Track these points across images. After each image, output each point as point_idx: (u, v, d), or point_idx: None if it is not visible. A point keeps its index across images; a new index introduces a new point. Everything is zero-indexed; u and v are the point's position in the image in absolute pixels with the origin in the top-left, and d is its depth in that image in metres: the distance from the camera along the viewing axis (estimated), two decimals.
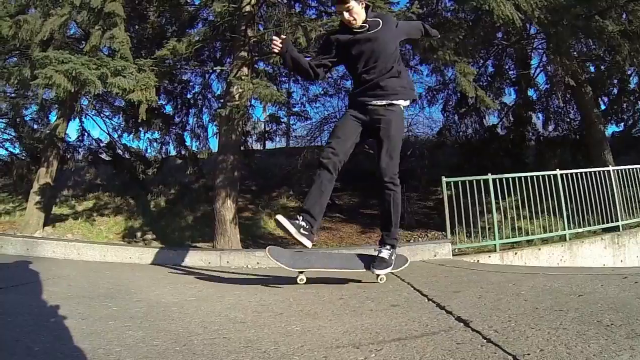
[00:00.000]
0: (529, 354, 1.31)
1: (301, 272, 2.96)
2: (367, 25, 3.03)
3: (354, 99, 3.20)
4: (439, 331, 1.67)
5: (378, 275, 3.05)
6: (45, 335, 1.70)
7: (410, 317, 1.94)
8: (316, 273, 3.23)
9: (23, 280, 3.12)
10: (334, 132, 3.21)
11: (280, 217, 2.86)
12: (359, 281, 3.20)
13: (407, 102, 3.14)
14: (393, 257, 3.07)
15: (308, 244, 2.90)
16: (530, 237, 6.64)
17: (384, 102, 3.02)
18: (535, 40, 11.20)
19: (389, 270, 3.04)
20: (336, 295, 2.60)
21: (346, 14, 2.98)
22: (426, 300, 2.29)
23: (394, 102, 3.03)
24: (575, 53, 9.66)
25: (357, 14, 3.00)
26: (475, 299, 2.24)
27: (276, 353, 1.50)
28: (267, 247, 2.98)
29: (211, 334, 1.77)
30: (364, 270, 3.02)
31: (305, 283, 3.03)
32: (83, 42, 9.38)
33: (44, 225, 10.37)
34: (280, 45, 3.03)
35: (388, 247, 3.07)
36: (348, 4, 2.94)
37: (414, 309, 2.12)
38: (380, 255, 3.04)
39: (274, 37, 3.10)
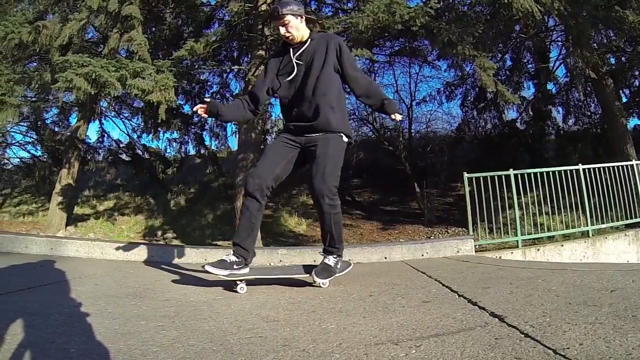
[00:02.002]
0: (568, 348, 1.30)
1: (241, 281, 2.77)
2: (307, 43, 2.90)
3: (288, 125, 3.02)
4: (475, 327, 1.66)
5: (316, 281, 2.87)
6: (78, 336, 1.70)
7: (444, 313, 1.93)
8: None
9: (50, 280, 3.12)
10: (262, 156, 3.05)
11: (208, 267, 2.69)
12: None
13: (346, 139, 2.93)
14: (338, 266, 2.92)
15: (246, 271, 2.80)
16: (552, 233, 6.57)
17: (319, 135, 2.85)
18: (554, 32, 11.04)
19: (331, 278, 2.88)
20: (365, 293, 2.59)
21: (282, 29, 2.85)
22: (457, 296, 2.27)
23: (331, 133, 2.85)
24: (595, 45, 9.47)
25: (296, 28, 2.85)
26: (506, 294, 2.21)
27: (315, 351, 1.50)
28: (204, 265, 2.75)
29: (246, 333, 1.76)
30: (306, 275, 2.89)
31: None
32: (101, 45, 9.53)
33: (67, 225, 10.56)
34: (206, 114, 3.01)
35: (334, 255, 2.93)
36: (283, 19, 2.80)
37: (446, 305, 2.10)
38: (326, 262, 2.91)
39: (198, 108, 3.00)
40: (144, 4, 8.04)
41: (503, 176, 6.22)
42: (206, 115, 3.04)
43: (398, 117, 2.99)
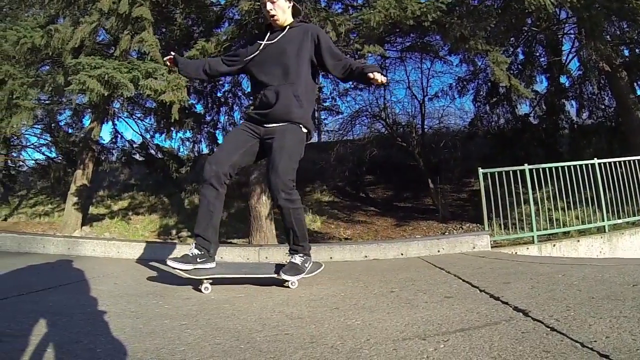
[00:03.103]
0: (595, 341, 1.32)
1: (207, 280, 2.71)
2: (285, 29, 2.87)
3: (250, 113, 2.97)
4: (501, 321, 1.66)
5: (286, 281, 2.79)
6: (104, 336, 1.71)
7: (468, 308, 1.93)
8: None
9: (69, 279, 3.12)
10: (221, 143, 3.01)
11: (170, 263, 2.66)
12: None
13: (305, 130, 2.87)
14: (307, 265, 2.84)
15: (211, 265, 2.76)
16: (567, 229, 6.49)
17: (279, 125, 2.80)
18: (567, 25, 10.93)
19: (299, 276, 2.79)
20: (386, 289, 2.59)
21: (269, 5, 2.80)
22: (478, 292, 2.27)
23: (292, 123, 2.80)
24: (608, 37, 9.36)
25: (282, 10, 2.83)
26: (527, 289, 2.22)
27: (344, 347, 1.50)
28: (167, 260, 2.71)
29: (272, 331, 1.77)
30: (274, 275, 2.82)
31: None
32: (112, 47, 9.61)
33: (82, 225, 10.69)
34: (173, 65, 3.09)
35: (301, 254, 2.86)
36: None
37: (469, 300, 2.11)
38: (292, 260, 2.84)
39: (167, 59, 3.11)
40: (154, 5, 8.09)
41: (518, 171, 6.18)
42: (172, 66, 3.15)
43: (378, 76, 2.74)
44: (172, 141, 11.84)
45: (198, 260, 2.68)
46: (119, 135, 12.50)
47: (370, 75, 2.69)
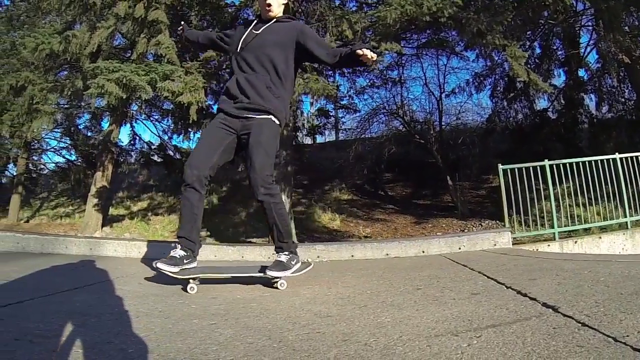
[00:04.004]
0: (627, 336, 1.33)
1: (193, 280, 2.71)
2: (272, 21, 2.89)
3: (227, 103, 2.92)
4: (531, 317, 1.67)
5: (274, 280, 2.77)
6: (134, 336, 1.70)
7: (496, 304, 1.93)
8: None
9: (94, 280, 3.11)
10: (198, 143, 2.98)
11: (158, 264, 2.65)
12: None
13: (278, 122, 2.85)
14: (293, 262, 2.80)
15: (194, 264, 2.78)
16: (589, 225, 6.41)
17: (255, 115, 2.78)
18: (584, 17, 10.75)
19: (286, 273, 2.75)
20: (411, 286, 2.59)
21: None
22: (505, 288, 2.27)
23: (264, 116, 2.79)
24: (627, 28, 9.18)
25: (278, 2, 2.87)
26: (554, 285, 2.21)
27: (377, 345, 1.51)
28: (154, 262, 2.70)
29: (303, 329, 1.77)
30: (260, 274, 2.78)
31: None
32: (129, 51, 9.73)
33: (102, 225, 10.86)
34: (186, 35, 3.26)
35: (286, 252, 2.82)
36: None
37: (496, 296, 2.10)
38: (278, 258, 2.81)
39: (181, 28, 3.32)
40: (170, 9, 8.18)
41: (538, 167, 6.11)
42: (184, 33, 3.32)
43: (367, 51, 2.58)
44: (190, 142, 11.95)
45: (184, 261, 2.71)
46: (137, 137, 12.70)
47: (359, 52, 2.61)
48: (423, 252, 4.45)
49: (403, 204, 12.06)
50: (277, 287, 2.75)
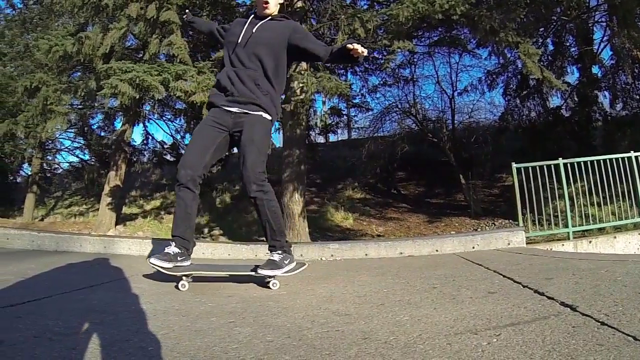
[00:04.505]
0: None
1: (186, 277, 2.76)
2: (267, 18, 2.90)
3: (217, 97, 2.91)
4: (549, 316, 1.67)
5: (267, 279, 2.78)
6: (152, 334, 1.70)
7: (514, 303, 1.93)
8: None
9: (109, 278, 3.13)
10: (190, 142, 2.97)
11: (152, 260, 2.67)
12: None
13: (269, 117, 2.86)
14: (286, 262, 2.79)
15: (188, 262, 2.80)
16: (603, 225, 6.32)
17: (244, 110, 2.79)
18: (597, 12, 10.63)
19: (278, 272, 2.74)
20: (427, 285, 2.60)
21: None
22: (521, 287, 2.26)
23: (255, 112, 2.80)
24: None
25: (275, 0, 2.91)
26: (571, 285, 2.20)
27: (398, 343, 1.51)
28: (148, 258, 2.75)
29: (322, 327, 1.78)
30: (251, 273, 2.77)
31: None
32: (141, 51, 9.83)
33: (116, 224, 11.00)
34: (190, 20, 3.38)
35: (279, 251, 2.81)
36: None
37: (513, 295, 2.10)
38: (271, 258, 2.80)
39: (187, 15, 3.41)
40: (181, 9, 8.23)
41: (552, 166, 6.06)
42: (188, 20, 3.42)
43: (357, 45, 2.59)
44: None
45: (178, 258, 2.73)
46: (150, 137, 12.83)
47: (350, 46, 2.62)
48: (437, 251, 4.45)
49: (416, 203, 12.05)
50: (269, 287, 2.76)
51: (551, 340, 1.37)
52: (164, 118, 12.90)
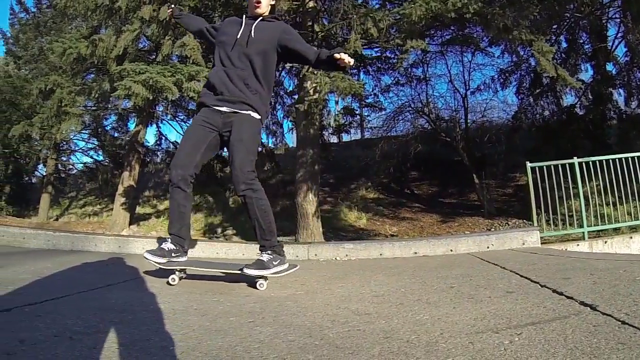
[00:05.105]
0: None
1: (180, 271, 2.83)
2: (258, 19, 2.91)
3: (208, 97, 2.95)
4: (569, 315, 1.67)
5: (256, 279, 2.79)
6: (173, 333, 1.70)
7: (533, 302, 1.93)
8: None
9: (125, 277, 3.14)
10: (181, 142, 3.01)
11: (146, 255, 2.76)
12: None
13: (258, 116, 2.88)
14: (275, 262, 2.78)
15: (184, 259, 2.88)
16: (619, 225, 6.24)
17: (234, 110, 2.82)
18: (611, 9, 10.50)
19: (264, 272, 2.73)
20: (444, 284, 2.61)
21: None
22: (539, 287, 2.26)
23: (244, 112, 2.82)
24: None
25: (267, 1, 2.94)
26: (590, 284, 2.19)
27: (420, 341, 1.52)
28: (145, 252, 2.80)
29: (343, 327, 1.78)
30: (238, 271, 2.77)
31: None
32: (154, 53, 9.91)
33: (130, 224, 11.12)
34: (173, 17, 3.37)
35: (269, 252, 2.81)
36: None
37: (532, 295, 2.10)
38: (260, 258, 2.80)
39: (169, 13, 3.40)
40: (193, 10, 8.29)
41: (567, 165, 6.01)
42: (172, 18, 3.41)
43: (344, 55, 2.67)
44: None
45: (173, 254, 2.80)
46: (163, 138, 12.96)
47: (337, 55, 2.67)
48: (451, 250, 4.44)
49: (429, 203, 12.02)
50: (256, 287, 2.77)
51: (573, 339, 1.38)
52: (177, 119, 13.02)
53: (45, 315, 1.88)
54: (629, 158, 6.18)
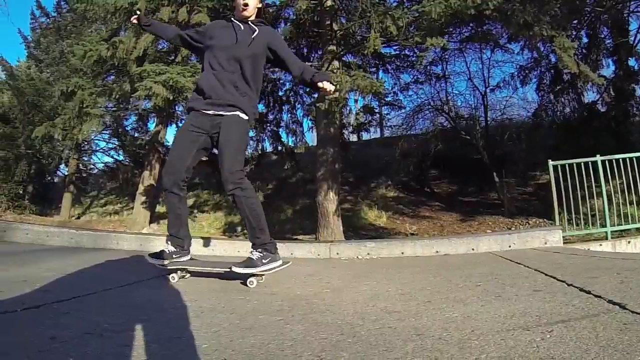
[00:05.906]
0: None
1: (182, 270, 2.94)
2: (247, 23, 2.92)
3: (197, 101, 2.97)
4: (599, 313, 1.67)
5: (246, 277, 2.82)
6: (203, 331, 1.70)
7: (561, 301, 1.93)
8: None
9: (148, 275, 3.13)
10: (172, 148, 3.09)
11: (149, 259, 2.93)
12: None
13: (246, 117, 2.89)
14: (264, 260, 2.78)
15: (186, 258, 2.97)
16: None
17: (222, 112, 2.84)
18: (632, 2, 10.29)
19: (252, 270, 2.76)
20: (470, 283, 2.61)
21: None
22: (566, 285, 2.25)
23: (232, 113, 2.85)
24: None
25: (254, 5, 2.93)
26: (617, 283, 2.18)
27: (452, 339, 1.53)
28: (147, 256, 2.96)
29: (373, 324, 1.79)
30: (227, 269, 2.83)
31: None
32: (173, 54, 10.03)
33: (150, 222, 11.28)
34: (138, 23, 3.26)
35: (259, 249, 2.81)
36: None
37: (559, 293, 2.10)
38: (250, 256, 2.82)
39: (133, 19, 3.28)
40: (211, 11, 8.36)
41: (590, 163, 5.92)
42: (137, 24, 3.30)
43: (327, 84, 2.81)
44: None
45: (174, 256, 2.92)
46: None
47: (320, 84, 2.80)
48: (473, 249, 4.43)
49: (449, 201, 11.95)
50: (246, 285, 2.79)
51: (604, 337, 1.38)
52: None
53: (73, 312, 1.92)
54: None
